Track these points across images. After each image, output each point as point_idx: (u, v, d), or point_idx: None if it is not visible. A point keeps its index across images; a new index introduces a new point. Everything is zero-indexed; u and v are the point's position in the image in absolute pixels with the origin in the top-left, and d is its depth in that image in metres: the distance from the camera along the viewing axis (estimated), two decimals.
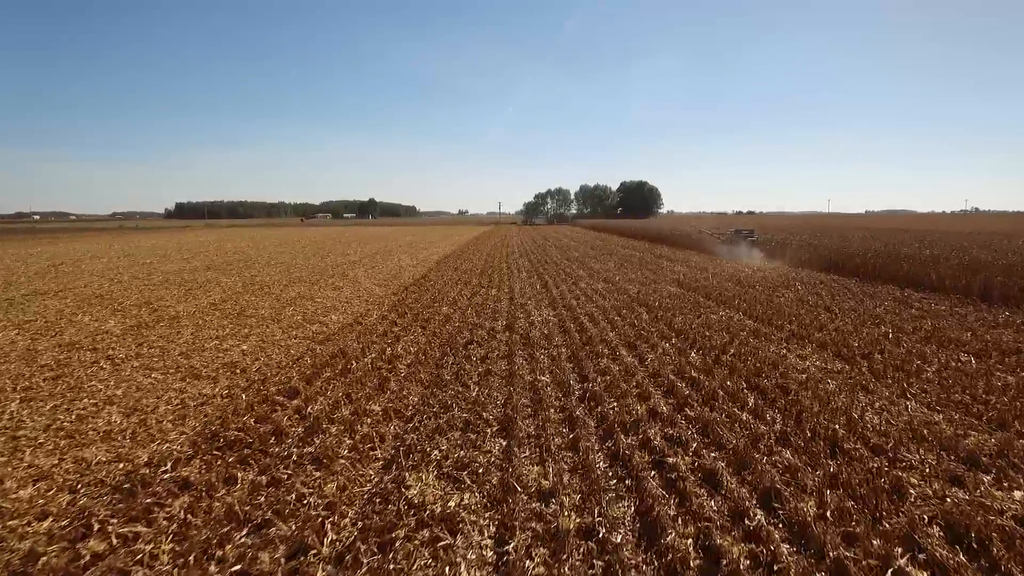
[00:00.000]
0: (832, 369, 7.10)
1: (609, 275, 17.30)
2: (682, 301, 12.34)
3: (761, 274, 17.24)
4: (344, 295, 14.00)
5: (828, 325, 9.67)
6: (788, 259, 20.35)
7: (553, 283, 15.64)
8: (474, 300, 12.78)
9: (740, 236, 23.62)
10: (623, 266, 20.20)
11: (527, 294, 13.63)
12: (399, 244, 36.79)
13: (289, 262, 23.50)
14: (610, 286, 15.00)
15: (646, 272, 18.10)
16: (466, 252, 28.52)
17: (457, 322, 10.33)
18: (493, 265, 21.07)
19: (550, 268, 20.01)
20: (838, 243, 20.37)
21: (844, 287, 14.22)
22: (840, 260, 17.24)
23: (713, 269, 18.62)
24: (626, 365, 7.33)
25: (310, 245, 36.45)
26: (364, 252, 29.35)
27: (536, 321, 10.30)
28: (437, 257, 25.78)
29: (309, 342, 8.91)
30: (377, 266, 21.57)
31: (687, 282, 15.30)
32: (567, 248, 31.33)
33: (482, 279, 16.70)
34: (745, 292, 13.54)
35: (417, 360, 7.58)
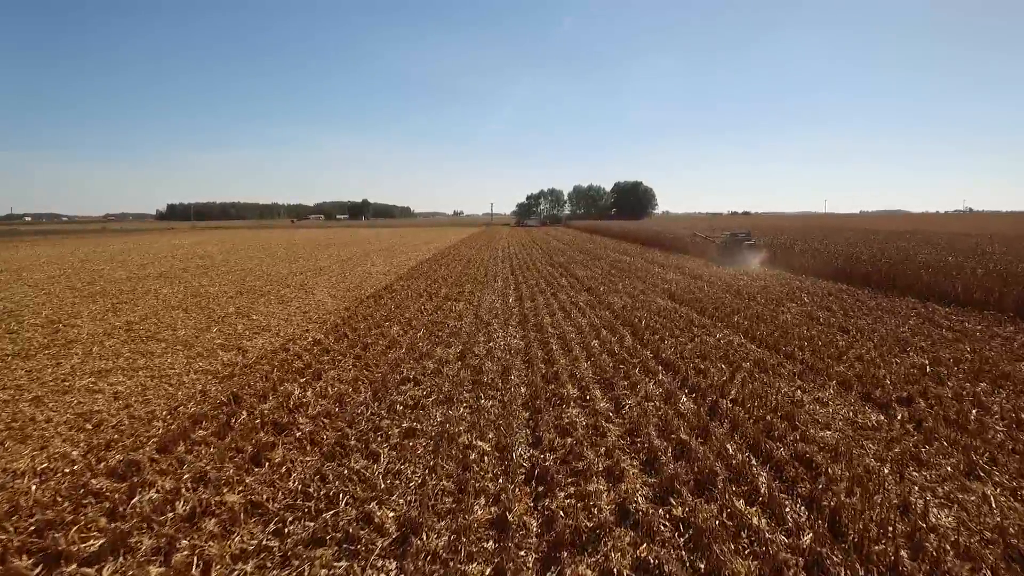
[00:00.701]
0: (866, 424, 5.41)
1: (594, 284, 15.61)
2: (673, 318, 10.66)
3: (761, 283, 15.59)
4: (289, 310, 12.25)
5: (847, 352, 8.01)
6: (790, 265, 18.72)
7: (529, 295, 13.94)
8: (434, 317, 11.06)
9: (736, 240, 21.97)
10: (610, 274, 18.52)
11: (496, 309, 11.91)
12: (379, 247, 35.02)
13: (252, 269, 21.72)
14: (593, 298, 13.30)
15: (635, 281, 16.42)
16: (446, 257, 26.80)
17: (403, 348, 8.60)
18: (469, 273, 19.35)
19: (531, 276, 18.31)
20: (844, 247, 18.75)
21: (857, 299, 12.57)
22: (849, 267, 15.61)
23: (708, 277, 16.96)
24: (597, 417, 5.63)
25: (286, 249, 34.64)
26: (338, 257, 27.58)
27: (497, 347, 8.58)
28: (414, 262, 24.06)
29: (208, 378, 7.17)
30: (344, 273, 19.82)
31: (680, 294, 13.63)
32: (554, 252, 29.63)
33: (452, 289, 14.98)
34: (745, 306, 11.87)
35: (327, 411, 5.85)
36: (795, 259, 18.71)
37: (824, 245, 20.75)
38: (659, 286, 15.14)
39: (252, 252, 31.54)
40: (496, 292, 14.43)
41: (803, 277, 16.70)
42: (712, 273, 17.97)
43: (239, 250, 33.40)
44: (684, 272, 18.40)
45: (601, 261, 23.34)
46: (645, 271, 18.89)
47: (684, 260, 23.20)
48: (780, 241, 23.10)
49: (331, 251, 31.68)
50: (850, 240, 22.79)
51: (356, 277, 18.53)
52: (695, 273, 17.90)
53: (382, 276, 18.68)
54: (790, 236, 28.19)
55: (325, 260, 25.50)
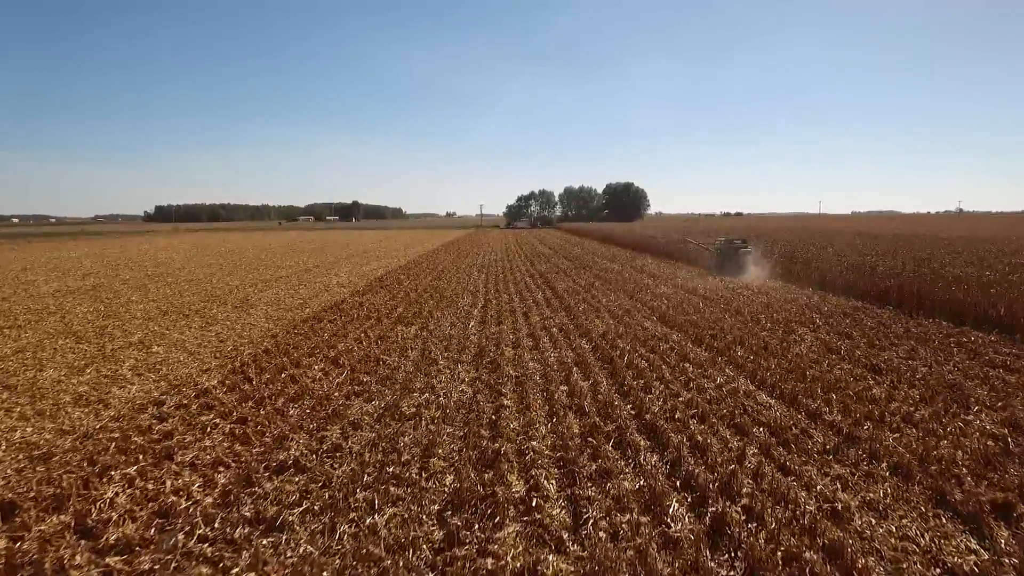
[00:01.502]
0: (963, 570, 3.47)
1: (574, 302, 13.67)
2: (663, 351, 8.73)
3: (763, 298, 13.71)
4: (205, 337, 10.22)
5: (889, 406, 6.11)
6: (794, 276, 16.87)
7: (496, 316, 11.98)
8: (372, 351, 9.06)
9: (731, 247, 20.09)
10: (594, 286, 16.59)
11: (451, 339, 9.93)
12: (353, 253, 32.92)
13: (201, 279, 19.64)
14: (570, 321, 11.36)
15: (621, 297, 14.49)
16: (421, 264, 24.80)
17: (309, 403, 6.61)
18: (438, 286, 17.37)
19: (505, 290, 16.35)
20: (855, 256, 16.90)
21: (879, 323, 10.70)
22: (864, 281, 13.76)
23: (703, 291, 15.07)
24: (542, 548, 3.67)
25: (256, 254, 32.50)
26: (304, 264, 25.51)
27: (433, 402, 6.60)
28: (384, 271, 22.06)
29: (18, 455, 5.15)
30: (299, 285, 17.78)
31: (671, 314, 11.72)
32: (538, 258, 27.70)
33: (410, 308, 12.99)
34: (748, 332, 9.98)
35: (130, 539, 3.84)
36: (798, 269, 16.86)
37: (830, 253, 18.92)
38: (648, 303, 13.22)
39: (215, 258, 29.40)
40: (459, 313, 12.44)
41: (810, 291, 14.84)
42: (707, 286, 16.08)
43: (203, 256, 31.23)
44: (677, 285, 16.50)
45: (587, 270, 21.42)
46: (634, 283, 16.97)
47: (676, 269, 21.33)
48: (781, 249, 21.27)
49: (300, 257, 29.59)
50: (857, 246, 20.97)
51: (310, 290, 16.50)
52: (689, 286, 16.00)
53: (339, 289, 16.66)
54: (788, 241, 26.44)
55: (288, 268, 23.43)
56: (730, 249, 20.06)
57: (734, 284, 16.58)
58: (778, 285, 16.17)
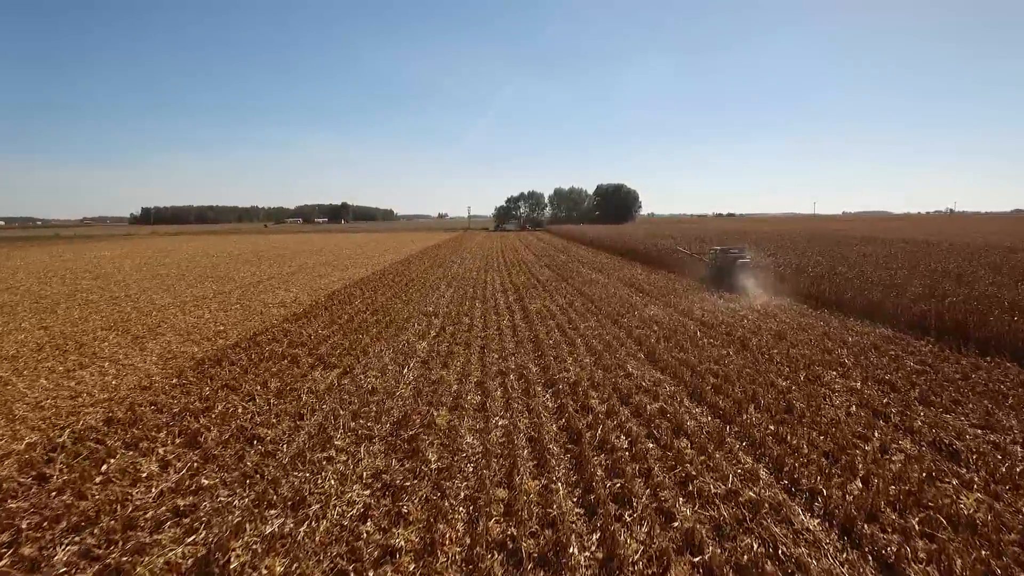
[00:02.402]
0: None
1: (547, 330, 11.39)
2: (650, 414, 6.44)
3: (772, 324, 11.48)
4: (54, 392, 7.80)
5: (1006, 550, 3.84)
6: (802, 293, 14.65)
7: (445, 353, 9.63)
8: (251, 421, 6.70)
9: (728, 257, 17.87)
10: (574, 306, 14.30)
11: (374, 394, 7.59)
12: (321, 260, 30.41)
13: (133, 294, 17.21)
14: (537, 361, 9.06)
15: (603, 322, 12.20)
16: (388, 275, 22.39)
17: (85, 543, 4.23)
18: (392, 307, 15.04)
19: (469, 311, 14.01)
20: (876, 271, 14.68)
21: (924, 364, 8.45)
22: (892, 303, 11.56)
23: (701, 313, 12.81)
24: None
25: (214, 262, 29.95)
26: (261, 275, 23.04)
27: (290, 538, 4.25)
28: (344, 283, 19.67)
29: None
30: (240, 302, 15.36)
31: (662, 350, 9.44)
32: (518, 267, 25.37)
33: (343, 341, 10.63)
34: (760, 377, 7.74)
35: None
36: (808, 285, 14.65)
37: (842, 265, 16.72)
38: (634, 331, 10.93)
39: (168, 268, 26.84)
40: (402, 347, 10.08)
41: (825, 315, 12.62)
42: (704, 306, 13.83)
43: (156, 265, 28.64)
44: (670, 305, 14.23)
45: (569, 283, 19.13)
46: (619, 301, 14.69)
47: (668, 281, 19.07)
48: (785, 260, 19.07)
49: (260, 267, 27.07)
50: (869, 256, 18.77)
51: (243, 312, 14.07)
52: (682, 306, 13.72)
53: (277, 311, 14.25)
54: (789, 248, 24.30)
55: (238, 280, 20.94)
56: (727, 260, 17.84)
57: (734, 302, 14.35)
58: (785, 304, 13.94)
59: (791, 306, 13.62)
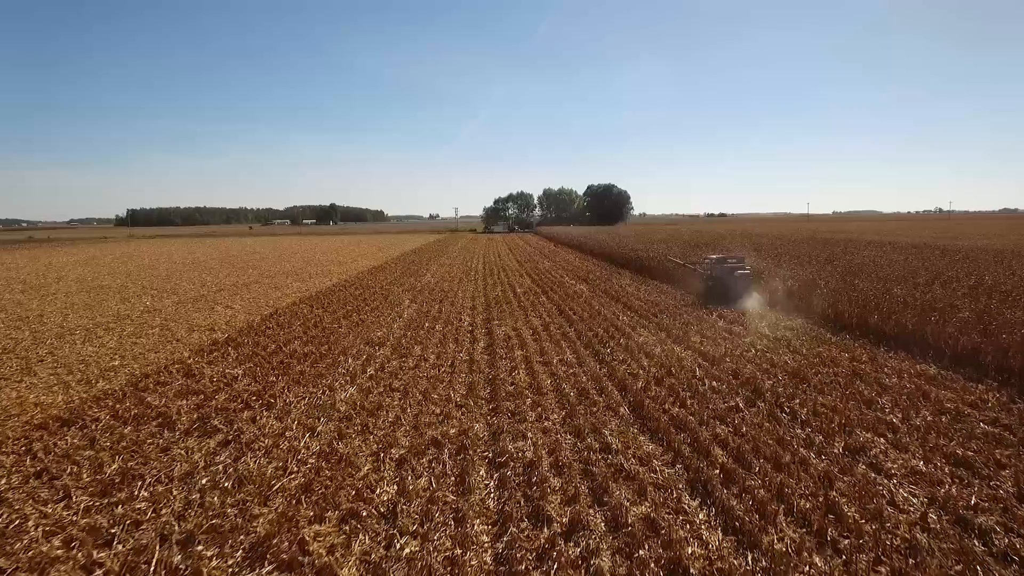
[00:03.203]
0: None
1: (508, 368, 9.26)
2: (636, 515, 4.30)
3: (788, 358, 9.43)
4: None
5: None
6: (819, 312, 12.60)
7: (375, 405, 7.45)
8: None
9: (725, 268, 15.80)
10: (549, 330, 12.19)
11: (249, 480, 5.41)
12: (285, 269, 28.07)
13: (47, 312, 14.91)
14: (489, 418, 6.91)
15: (582, 354, 10.09)
16: (350, 287, 20.15)
17: None
18: (334, 334, 12.87)
19: (427, 339, 11.85)
20: (901, 287, 12.63)
21: (990, 417, 6.39)
22: (927, 325, 9.54)
23: (700, 341, 10.73)
24: None
25: (169, 271, 27.57)
26: (211, 285, 20.73)
27: None
28: (298, 297, 17.45)
29: None
30: (162, 325, 13.09)
31: (651, 399, 7.32)
32: (496, 276, 23.21)
33: (260, 381, 8.44)
34: (787, 452, 5.63)
35: None
36: (822, 302, 12.60)
37: (852, 274, 14.70)
38: (619, 370, 8.82)
39: (116, 277, 24.44)
40: (312, 402, 7.90)
41: (844, 336, 10.59)
42: (703, 329, 11.75)
43: (105, 274, 26.19)
44: (661, 326, 12.15)
45: (549, 296, 17.03)
46: (604, 324, 12.58)
47: (660, 295, 17.00)
48: (791, 269, 17.06)
49: (218, 276, 24.70)
50: (885, 264, 16.75)
51: (152, 341, 11.81)
52: (677, 331, 11.61)
53: (194, 339, 12.01)
54: (792, 253, 22.33)
55: (181, 294, 18.61)
56: (724, 271, 15.78)
57: (737, 324, 12.29)
58: (797, 326, 11.89)
59: (804, 330, 11.57)
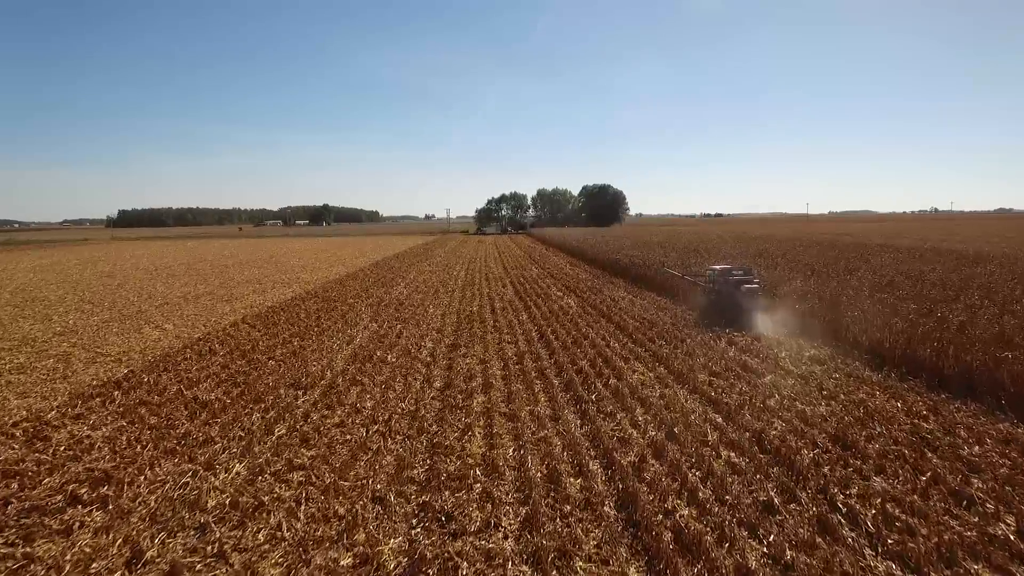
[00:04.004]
0: None
1: (461, 431, 7.09)
2: None
3: (823, 406, 7.31)
4: None
5: None
6: (846, 336, 10.50)
7: (252, 507, 5.26)
8: None
9: (730, 281, 13.65)
10: (522, 362, 10.02)
11: None
12: (254, 275, 25.77)
13: None
14: (409, 528, 4.74)
15: (559, 402, 7.92)
16: (312, 298, 17.92)
17: None
18: (266, 369, 10.71)
19: (372, 375, 9.67)
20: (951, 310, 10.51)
21: None
22: (998, 364, 7.44)
23: (707, 380, 8.58)
24: None
25: (136, 276, 25.28)
26: (152, 301, 18.47)
27: None
28: (248, 311, 15.28)
29: None
30: (89, 342, 10.86)
31: (651, 493, 5.18)
32: (477, 285, 21.00)
33: (119, 455, 6.24)
34: None
35: None
36: (853, 326, 10.49)
37: (882, 289, 12.57)
38: (604, 430, 6.66)
39: (60, 288, 22.11)
40: (166, 494, 5.70)
41: (888, 375, 8.48)
42: (710, 360, 9.60)
43: (49, 284, 23.86)
44: (659, 357, 10.01)
45: (531, 313, 14.88)
46: (591, 352, 10.42)
47: (658, 312, 14.86)
48: (806, 281, 14.95)
49: (170, 286, 22.42)
50: (915, 275, 14.62)
51: (37, 376, 9.60)
52: (679, 365, 9.43)
53: (57, 385, 9.80)
54: (799, 260, 20.24)
55: (104, 313, 16.35)
56: (730, 285, 13.64)
57: (749, 353, 10.17)
58: (824, 357, 9.76)
59: (835, 363, 9.44)
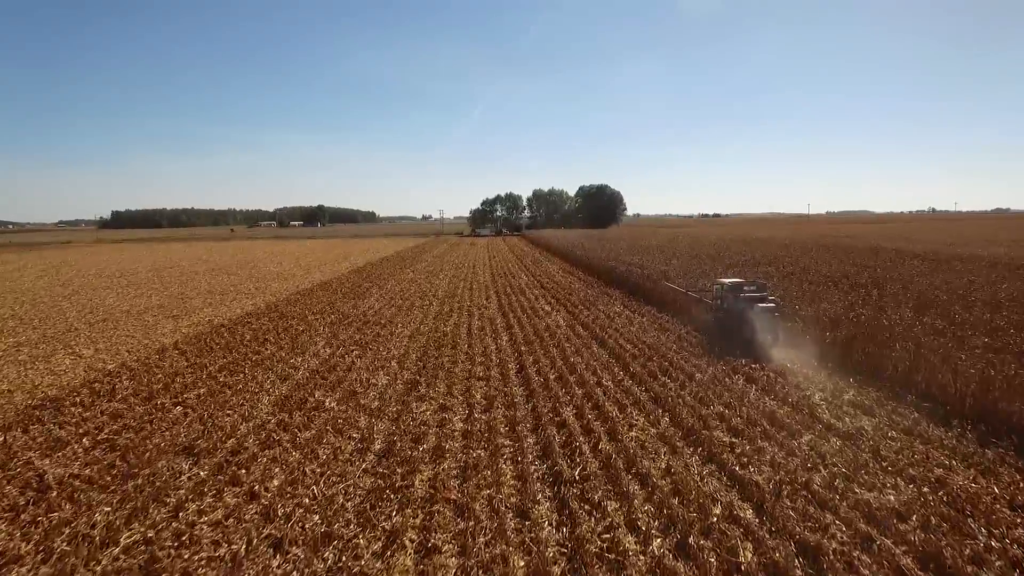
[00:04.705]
0: None
1: (393, 539, 5.04)
2: None
3: (886, 474, 5.27)
4: None
5: None
6: (901, 380, 8.50)
7: None
8: None
9: (741, 297, 11.64)
10: (488, 416, 7.98)
11: None
12: (219, 285, 23.65)
13: None
14: None
15: (530, 494, 5.89)
16: (269, 314, 15.85)
17: None
18: (172, 413, 8.64)
19: (291, 439, 7.61)
20: None
21: None
22: None
23: (734, 447, 6.57)
24: None
25: (97, 282, 23.14)
26: (116, 310, 16.36)
27: None
28: (183, 334, 13.21)
29: None
30: None
31: None
32: (456, 298, 18.93)
33: None
34: None
35: None
36: (903, 361, 8.47)
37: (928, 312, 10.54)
38: (589, 550, 4.59)
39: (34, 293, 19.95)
40: None
41: (962, 432, 6.47)
42: (732, 415, 7.54)
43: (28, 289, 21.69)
44: (664, 402, 7.98)
45: (513, 333, 12.84)
46: (579, 401, 8.38)
47: (659, 335, 12.82)
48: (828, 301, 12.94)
49: (120, 297, 20.29)
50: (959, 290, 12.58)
51: None
52: (694, 423, 7.38)
53: None
54: (815, 269, 18.23)
55: (27, 333, 14.27)
56: (740, 302, 11.64)
57: (779, 396, 8.14)
58: (870, 403, 7.75)
59: (883, 411, 7.41)
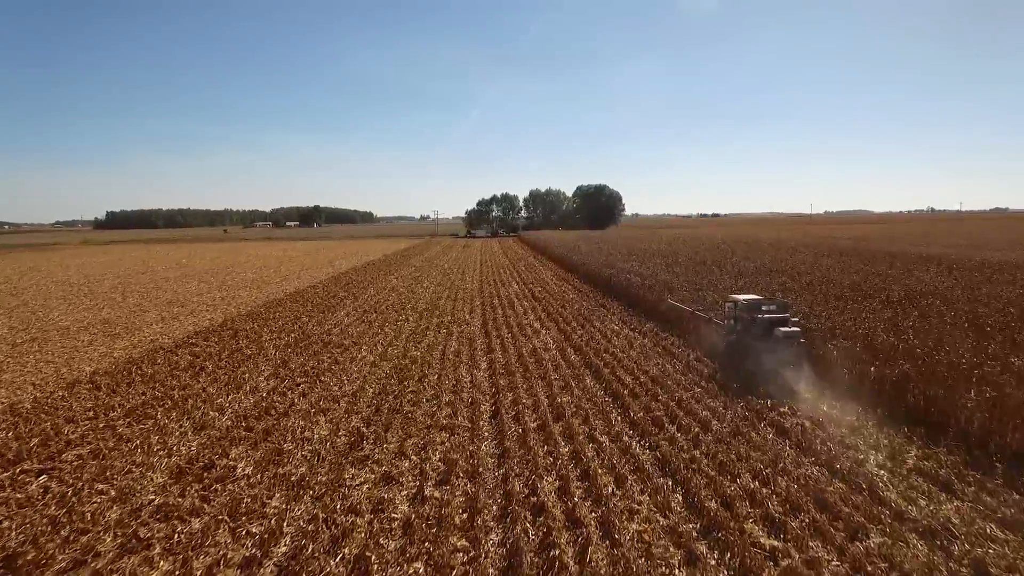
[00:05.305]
0: None
1: None
2: None
3: None
4: None
5: None
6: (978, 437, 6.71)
7: None
8: None
9: (756, 319, 9.78)
10: (453, 482, 6.17)
11: None
12: (182, 294, 21.83)
13: None
14: None
15: None
16: (220, 333, 14.05)
17: None
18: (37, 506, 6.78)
19: (182, 521, 5.79)
20: None
21: None
22: None
23: (774, 550, 4.74)
24: None
25: (56, 290, 21.35)
26: (53, 327, 14.55)
27: None
28: (104, 363, 11.45)
29: None
30: None
31: None
32: (438, 311, 17.13)
33: None
34: None
35: None
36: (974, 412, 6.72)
37: None
38: None
39: None
40: None
41: None
42: (767, 491, 5.76)
43: None
44: (677, 475, 6.17)
45: (493, 359, 11.05)
46: (563, 475, 6.60)
47: (663, 361, 11.04)
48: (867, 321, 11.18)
49: (65, 311, 18.50)
50: None
51: None
52: (716, 507, 5.59)
53: None
54: (837, 281, 16.47)
55: None
56: (756, 325, 9.84)
57: (821, 459, 6.38)
58: (944, 470, 5.98)
59: (965, 487, 5.65)
